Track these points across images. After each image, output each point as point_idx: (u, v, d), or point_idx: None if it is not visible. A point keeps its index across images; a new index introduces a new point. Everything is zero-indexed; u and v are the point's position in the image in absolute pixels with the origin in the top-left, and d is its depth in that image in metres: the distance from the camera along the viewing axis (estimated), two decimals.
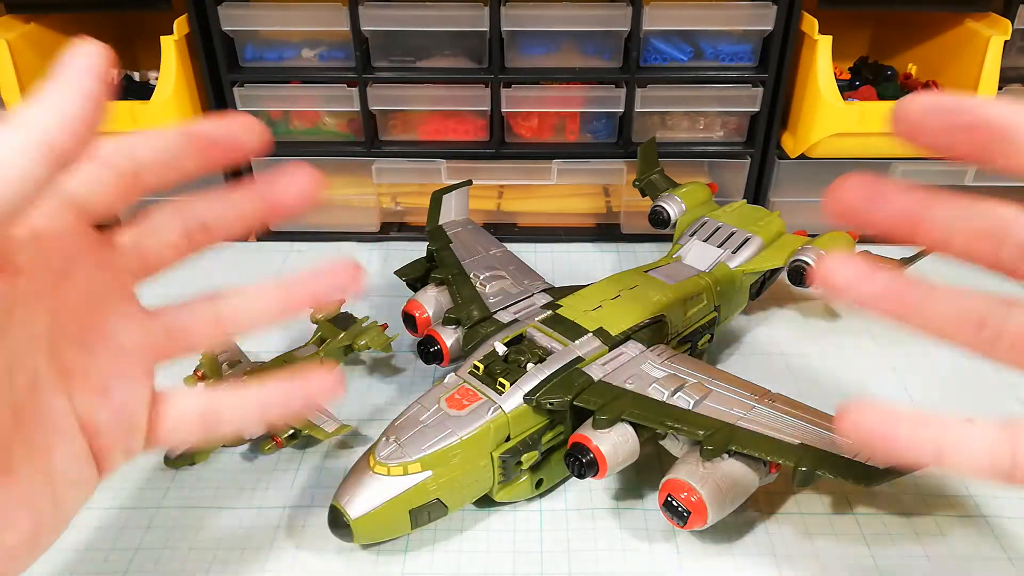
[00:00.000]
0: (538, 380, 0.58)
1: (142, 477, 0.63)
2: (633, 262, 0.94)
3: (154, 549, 0.57)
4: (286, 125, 0.95)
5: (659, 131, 0.94)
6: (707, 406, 0.57)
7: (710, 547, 0.57)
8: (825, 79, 0.85)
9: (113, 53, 0.28)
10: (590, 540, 0.58)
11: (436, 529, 0.58)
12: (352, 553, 0.57)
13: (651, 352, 0.63)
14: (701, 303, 0.71)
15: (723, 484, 0.52)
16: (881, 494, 0.61)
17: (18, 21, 0.89)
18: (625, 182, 0.95)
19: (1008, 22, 0.84)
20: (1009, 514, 0.60)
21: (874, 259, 0.76)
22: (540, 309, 0.68)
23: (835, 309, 0.85)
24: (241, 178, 0.75)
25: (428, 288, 0.74)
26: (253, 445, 0.66)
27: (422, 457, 0.53)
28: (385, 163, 0.94)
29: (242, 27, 0.87)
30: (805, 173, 0.94)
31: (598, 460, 0.54)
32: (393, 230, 1.00)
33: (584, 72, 0.89)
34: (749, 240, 0.77)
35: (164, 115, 0.86)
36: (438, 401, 0.57)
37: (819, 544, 0.57)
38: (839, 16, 0.87)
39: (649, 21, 0.85)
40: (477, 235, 0.82)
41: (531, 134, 0.95)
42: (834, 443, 0.54)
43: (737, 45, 0.88)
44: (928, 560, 0.56)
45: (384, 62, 0.89)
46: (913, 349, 0.78)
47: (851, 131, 0.86)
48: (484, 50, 0.87)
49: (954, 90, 0.91)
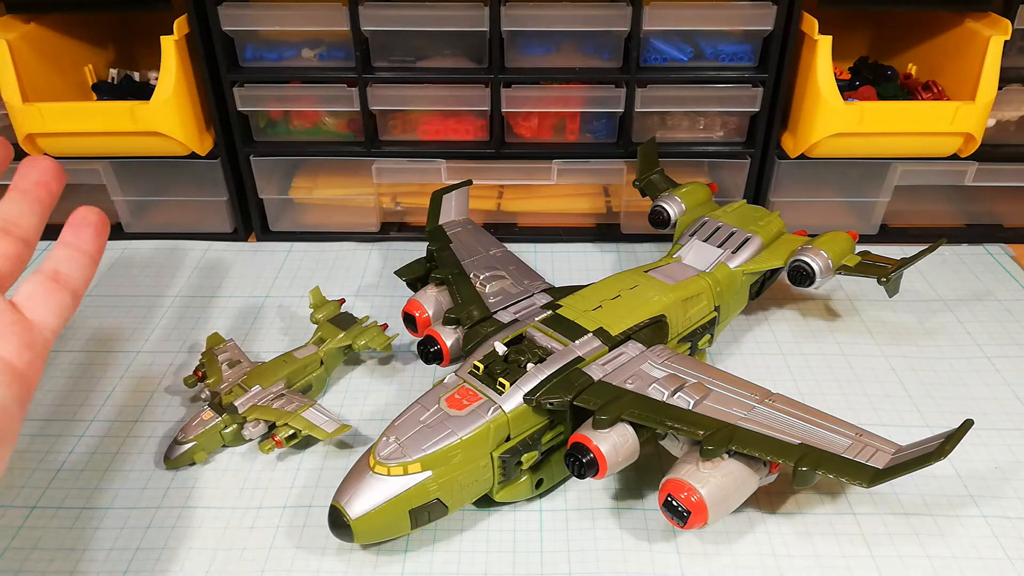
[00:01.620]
0: (538, 380, 0.58)
1: (142, 477, 0.63)
2: (633, 262, 0.95)
3: (154, 549, 0.57)
4: (286, 125, 0.95)
5: (659, 131, 0.94)
6: (707, 406, 0.57)
7: (710, 547, 0.57)
8: (825, 79, 0.85)
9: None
10: (590, 540, 0.58)
11: (436, 529, 0.58)
12: (352, 553, 0.57)
13: (651, 352, 0.63)
14: (701, 303, 0.71)
15: (723, 484, 0.52)
16: (881, 494, 0.61)
17: (18, 21, 0.89)
18: (625, 182, 0.95)
19: (1008, 22, 0.84)
20: (1009, 514, 0.60)
21: (874, 259, 0.76)
22: (540, 309, 0.68)
23: (835, 309, 0.85)
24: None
25: (428, 288, 0.74)
26: (253, 445, 0.66)
27: (422, 457, 0.53)
28: (385, 163, 0.94)
29: (242, 27, 0.87)
30: (805, 173, 0.94)
31: (598, 460, 0.54)
32: (393, 230, 1.00)
33: (584, 72, 0.89)
34: (749, 240, 0.77)
35: (164, 115, 0.86)
36: (438, 401, 0.57)
37: (819, 544, 0.57)
38: (839, 16, 0.87)
39: (649, 21, 0.84)
40: (477, 235, 0.82)
41: (531, 134, 0.95)
42: (834, 443, 0.54)
43: (737, 45, 0.88)
44: (928, 560, 0.56)
45: (384, 62, 0.89)
46: (913, 349, 0.78)
47: (851, 131, 0.87)
48: (484, 50, 0.87)
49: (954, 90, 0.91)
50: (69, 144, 0.90)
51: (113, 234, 0.99)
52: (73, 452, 0.66)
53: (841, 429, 0.55)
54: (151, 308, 0.85)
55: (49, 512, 0.60)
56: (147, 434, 0.68)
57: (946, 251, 0.95)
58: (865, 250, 0.78)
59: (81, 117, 0.87)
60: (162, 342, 0.80)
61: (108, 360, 0.77)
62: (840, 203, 0.99)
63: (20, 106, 0.86)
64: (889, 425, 0.69)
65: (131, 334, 0.81)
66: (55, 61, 0.93)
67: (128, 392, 0.73)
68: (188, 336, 0.81)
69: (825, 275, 0.74)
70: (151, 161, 0.93)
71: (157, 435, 0.68)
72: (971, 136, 0.87)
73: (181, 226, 1.00)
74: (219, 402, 0.65)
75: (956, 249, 0.96)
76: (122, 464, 0.65)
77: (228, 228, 1.00)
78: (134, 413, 0.70)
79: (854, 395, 0.72)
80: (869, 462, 0.52)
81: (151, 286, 0.89)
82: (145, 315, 0.84)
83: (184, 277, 0.91)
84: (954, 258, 0.94)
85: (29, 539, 0.58)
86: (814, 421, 0.56)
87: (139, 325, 0.82)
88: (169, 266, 0.93)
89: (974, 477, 0.63)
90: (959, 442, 0.52)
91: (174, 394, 0.72)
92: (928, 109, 0.87)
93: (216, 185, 0.96)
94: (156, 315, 0.84)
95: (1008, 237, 0.98)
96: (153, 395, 0.72)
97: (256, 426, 0.64)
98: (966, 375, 0.75)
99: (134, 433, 0.68)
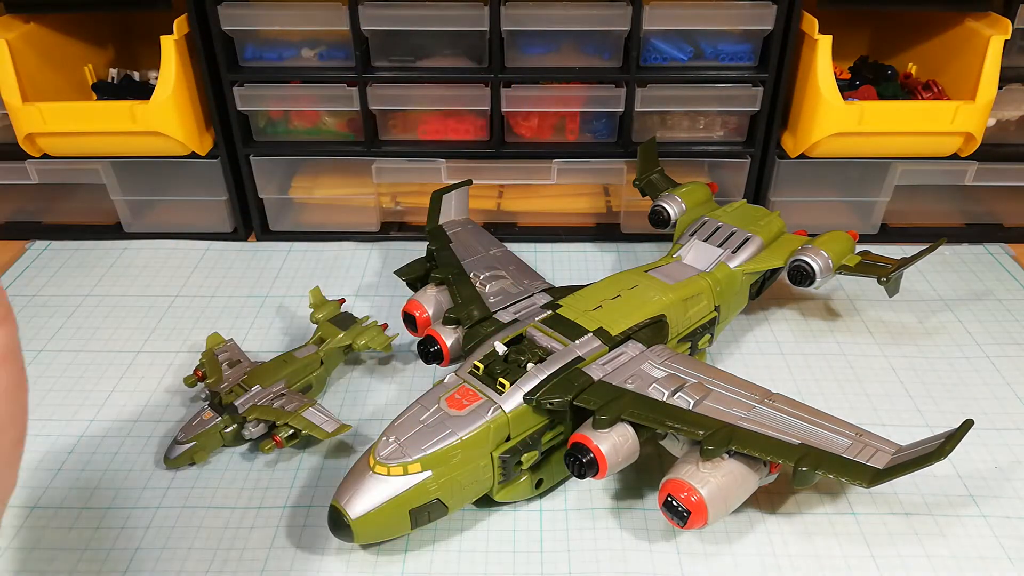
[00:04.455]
0: (538, 380, 0.58)
1: (142, 477, 0.63)
2: (633, 262, 0.94)
3: (154, 549, 0.57)
4: (286, 125, 0.95)
5: (659, 131, 0.94)
6: (707, 406, 0.57)
7: (710, 547, 0.57)
8: (825, 79, 0.85)
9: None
10: (590, 540, 0.58)
11: (436, 529, 0.58)
12: (352, 553, 0.57)
13: (651, 352, 0.63)
14: (701, 303, 0.71)
15: (723, 484, 0.52)
16: (881, 494, 0.61)
17: (18, 21, 0.89)
18: (625, 182, 0.95)
19: (1008, 22, 0.84)
20: (1009, 514, 0.60)
21: (874, 259, 0.76)
22: (540, 309, 0.68)
23: (835, 309, 0.85)
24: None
25: (428, 288, 0.74)
26: (253, 445, 0.66)
27: (422, 457, 0.53)
28: (385, 163, 0.94)
29: (242, 27, 0.87)
30: (805, 173, 0.94)
31: (598, 460, 0.54)
32: (393, 230, 1.00)
33: (584, 72, 0.89)
34: (749, 240, 0.77)
35: (164, 115, 0.86)
36: (438, 401, 0.57)
37: (819, 544, 0.57)
38: (839, 16, 0.87)
39: (649, 21, 0.84)
40: (477, 235, 0.82)
41: (531, 134, 0.95)
42: (834, 443, 0.54)
43: (737, 45, 0.88)
44: (928, 560, 0.56)
45: (384, 62, 0.89)
46: (913, 349, 0.78)
47: (851, 131, 0.86)
48: (484, 50, 0.87)
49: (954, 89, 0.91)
50: (69, 144, 0.90)
51: (113, 234, 0.99)
52: (73, 452, 0.66)
53: (841, 429, 0.55)
54: (151, 308, 0.85)
55: (49, 512, 0.60)
56: (147, 434, 0.68)
57: (946, 251, 0.95)
58: (865, 250, 0.78)
59: (81, 117, 0.87)
60: (162, 342, 0.80)
61: (108, 360, 0.77)
62: (840, 203, 0.99)
63: (20, 106, 0.86)
64: (889, 425, 0.69)
65: (131, 334, 0.81)
66: (55, 61, 0.93)
67: (128, 392, 0.73)
68: (188, 336, 0.81)
69: (825, 275, 0.74)
70: (151, 161, 0.93)
71: (157, 435, 0.68)
72: (971, 136, 0.87)
73: (181, 226, 1.00)
74: (219, 402, 0.65)
75: (956, 249, 0.96)
76: (122, 464, 0.65)
77: (228, 228, 1.00)
78: (134, 413, 0.70)
79: (854, 395, 0.72)
80: (869, 462, 0.52)
81: (151, 286, 0.89)
82: (145, 315, 0.84)
83: (184, 277, 0.91)
84: (954, 258, 0.94)
85: (29, 539, 0.58)
86: (814, 421, 0.56)
87: (139, 325, 0.82)
88: (169, 266, 0.93)
89: (974, 477, 0.63)
90: (959, 442, 0.52)
91: (174, 394, 0.72)
92: (928, 109, 0.87)
93: (216, 185, 0.96)
94: (156, 315, 0.84)
95: (1008, 237, 0.98)
96: (153, 395, 0.72)
97: (256, 426, 0.64)
98: (966, 375, 0.75)
99: (134, 433, 0.68)
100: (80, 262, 0.94)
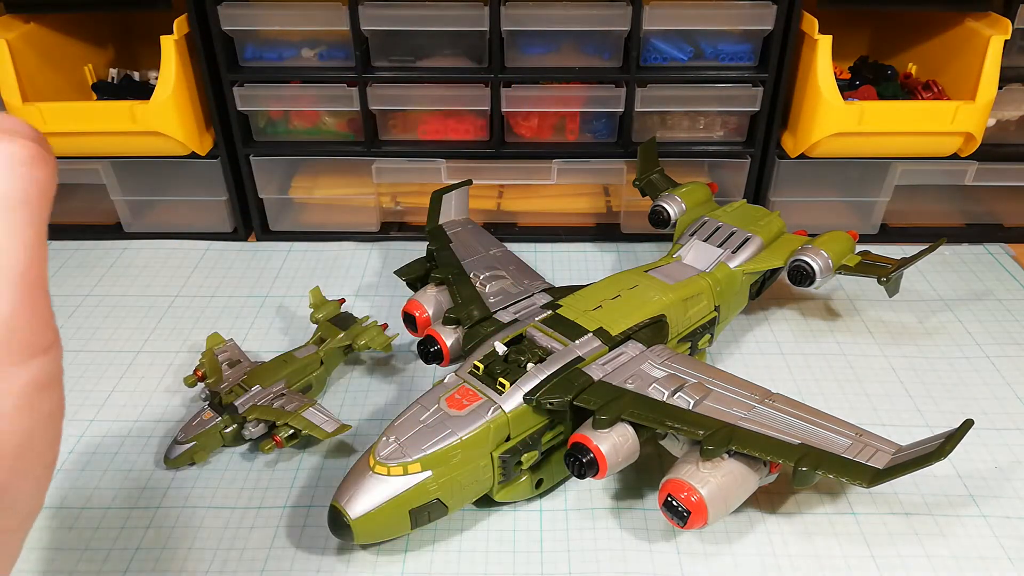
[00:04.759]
0: (538, 380, 0.58)
1: (142, 477, 0.63)
2: (633, 262, 0.94)
3: (154, 549, 0.57)
4: (286, 125, 0.95)
5: (659, 131, 0.94)
6: (707, 406, 0.57)
7: (710, 547, 0.57)
8: (825, 79, 0.85)
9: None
10: (590, 540, 0.58)
11: (436, 529, 0.58)
12: (352, 553, 0.57)
13: (651, 352, 0.63)
14: (701, 303, 0.71)
15: (723, 484, 0.52)
16: (881, 494, 0.61)
17: (18, 21, 0.89)
18: (625, 182, 0.95)
19: (1008, 22, 0.84)
20: (1009, 514, 0.60)
21: (874, 258, 0.76)
22: (540, 309, 0.68)
23: (835, 309, 0.85)
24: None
25: (428, 288, 0.74)
26: (253, 445, 0.66)
27: (422, 457, 0.53)
28: (385, 163, 0.94)
29: (242, 27, 0.87)
30: (805, 173, 0.94)
31: (598, 460, 0.54)
32: (393, 230, 1.00)
33: (584, 72, 0.89)
34: (749, 240, 0.77)
35: (164, 115, 0.86)
36: (438, 401, 0.57)
37: (819, 544, 0.57)
38: (839, 16, 0.87)
39: (649, 21, 0.84)
40: (477, 235, 0.82)
41: (531, 134, 0.95)
42: (834, 443, 0.54)
43: (737, 45, 0.88)
44: (928, 560, 0.56)
45: (384, 62, 0.89)
46: (913, 349, 0.78)
47: (851, 131, 0.86)
48: (484, 50, 0.87)
49: (954, 89, 0.91)
50: (69, 144, 0.90)
51: (113, 234, 0.99)
52: (73, 452, 0.66)
53: (841, 429, 0.55)
54: (151, 308, 0.85)
55: (49, 512, 0.60)
56: (147, 434, 0.68)
57: (946, 251, 0.95)
58: (865, 250, 0.78)
59: (81, 117, 0.87)
60: (162, 342, 0.80)
61: (108, 360, 0.77)
62: (840, 203, 0.99)
63: (20, 106, 0.86)
64: (889, 425, 0.69)
65: (131, 334, 0.81)
66: (55, 61, 0.93)
67: (128, 392, 0.73)
68: (188, 336, 0.81)
69: (825, 275, 0.74)
70: (151, 161, 0.93)
71: (157, 435, 0.68)
72: (971, 136, 0.87)
73: (181, 226, 0.99)
74: (219, 402, 0.65)
75: (956, 249, 0.96)
76: (122, 464, 0.65)
77: (228, 228, 1.00)
78: (134, 413, 0.70)
79: (854, 395, 0.72)
80: (869, 462, 0.52)
81: (151, 286, 0.89)
82: (145, 315, 0.84)
83: (184, 277, 0.91)
84: (954, 258, 0.94)
85: (29, 539, 0.58)
86: (814, 421, 0.56)
87: (139, 325, 0.82)
88: (169, 266, 0.93)
89: (974, 477, 0.63)
90: (959, 442, 0.52)
91: (174, 394, 0.72)
92: (928, 109, 0.87)
93: (216, 185, 0.96)
94: (156, 315, 0.84)
95: (1008, 237, 0.98)
96: (153, 395, 0.72)
97: (256, 426, 0.64)
98: (966, 375, 0.75)
99: (134, 433, 0.68)
100: (80, 262, 0.94)
